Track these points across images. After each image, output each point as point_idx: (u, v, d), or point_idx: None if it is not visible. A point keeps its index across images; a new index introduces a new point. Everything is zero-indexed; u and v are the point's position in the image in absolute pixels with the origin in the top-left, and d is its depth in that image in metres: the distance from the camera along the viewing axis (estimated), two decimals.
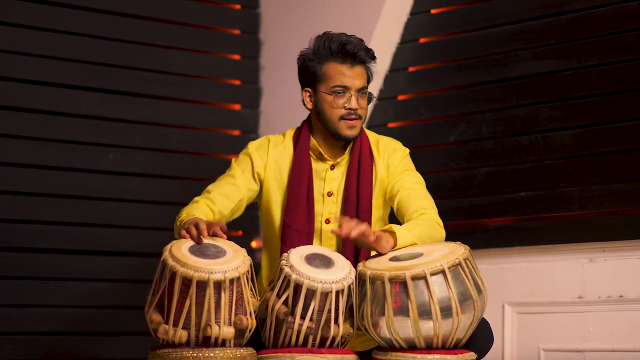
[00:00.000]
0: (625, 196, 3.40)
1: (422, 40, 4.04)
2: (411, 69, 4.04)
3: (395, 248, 2.81)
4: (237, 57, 4.37)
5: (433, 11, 4.03)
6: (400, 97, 4.05)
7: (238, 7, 4.38)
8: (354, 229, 2.73)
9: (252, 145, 3.14)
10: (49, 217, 3.84)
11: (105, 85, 3.99)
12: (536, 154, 3.62)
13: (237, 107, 4.35)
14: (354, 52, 2.99)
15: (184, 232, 2.76)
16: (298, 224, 3.02)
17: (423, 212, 2.94)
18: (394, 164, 3.10)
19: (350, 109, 2.99)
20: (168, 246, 2.69)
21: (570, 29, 3.60)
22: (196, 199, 3.03)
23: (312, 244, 3.02)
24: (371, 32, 3.98)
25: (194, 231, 2.74)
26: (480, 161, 3.76)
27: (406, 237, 2.81)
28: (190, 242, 2.72)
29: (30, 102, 3.83)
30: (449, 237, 2.90)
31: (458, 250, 2.71)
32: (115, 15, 4.05)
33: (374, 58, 3.04)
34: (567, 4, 3.61)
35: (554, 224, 3.56)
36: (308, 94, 3.07)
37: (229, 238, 2.86)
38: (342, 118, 3.01)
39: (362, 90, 3.01)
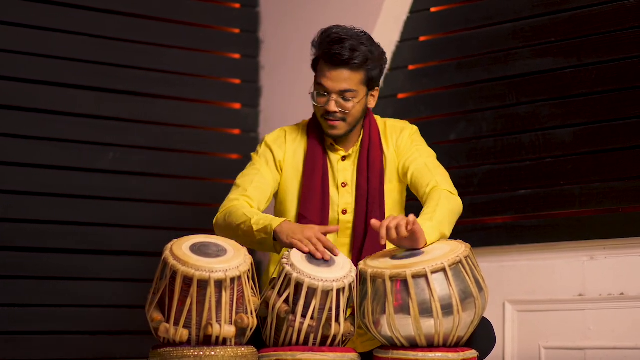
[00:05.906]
0: (626, 194, 3.40)
1: (422, 38, 4.03)
2: (411, 67, 4.03)
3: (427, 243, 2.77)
4: (236, 56, 4.36)
5: (433, 9, 4.02)
6: (400, 96, 4.04)
7: (237, 5, 4.37)
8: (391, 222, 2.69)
9: (269, 138, 3.10)
10: (49, 217, 3.83)
11: (105, 84, 3.99)
12: (536, 152, 3.62)
13: (236, 106, 4.34)
14: (334, 54, 2.89)
15: (300, 244, 2.74)
16: (312, 214, 2.99)
17: (435, 185, 2.93)
18: (402, 142, 3.07)
19: (328, 111, 2.97)
20: (169, 245, 2.69)
21: (570, 27, 3.59)
22: (234, 197, 2.98)
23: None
24: (371, 31, 3.93)
25: (321, 247, 2.73)
26: (480, 159, 3.75)
27: (429, 227, 2.76)
28: (191, 241, 2.72)
29: (30, 102, 3.83)
30: (450, 236, 2.89)
31: (459, 248, 2.71)
32: (114, 15, 4.04)
33: (363, 62, 2.91)
34: (567, 1, 3.61)
35: (554, 222, 3.56)
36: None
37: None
38: (322, 116, 2.99)
39: (345, 93, 2.93)
